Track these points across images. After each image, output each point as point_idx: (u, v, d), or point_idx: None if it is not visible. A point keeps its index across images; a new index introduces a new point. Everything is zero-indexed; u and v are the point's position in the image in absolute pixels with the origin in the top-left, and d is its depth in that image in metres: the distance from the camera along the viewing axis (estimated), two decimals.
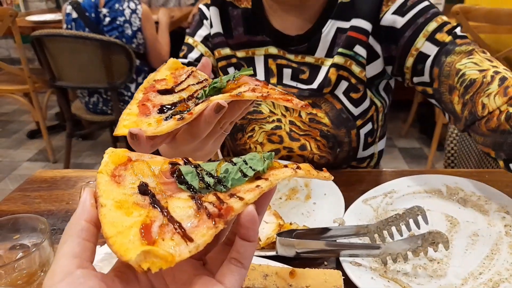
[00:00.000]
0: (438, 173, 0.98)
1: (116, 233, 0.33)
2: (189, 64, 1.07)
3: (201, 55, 1.08)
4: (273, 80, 1.05)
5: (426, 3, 0.92)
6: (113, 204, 0.36)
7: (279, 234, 0.74)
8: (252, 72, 0.60)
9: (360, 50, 0.97)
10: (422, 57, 0.89)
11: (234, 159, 0.42)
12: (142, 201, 0.37)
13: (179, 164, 0.42)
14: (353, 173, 1.06)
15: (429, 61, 0.88)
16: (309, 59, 1.01)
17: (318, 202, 0.91)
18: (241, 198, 0.36)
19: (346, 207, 0.89)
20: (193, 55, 1.08)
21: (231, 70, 1.08)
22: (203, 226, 0.34)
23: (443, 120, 2.95)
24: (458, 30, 0.89)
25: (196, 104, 0.57)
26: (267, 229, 0.81)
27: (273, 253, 0.74)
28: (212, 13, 1.07)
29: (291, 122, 1.04)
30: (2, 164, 3.33)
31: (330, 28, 0.99)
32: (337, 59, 0.98)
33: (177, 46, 3.17)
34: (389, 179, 0.98)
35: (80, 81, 2.67)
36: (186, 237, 0.34)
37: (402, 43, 0.92)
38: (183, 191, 0.39)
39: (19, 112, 4.30)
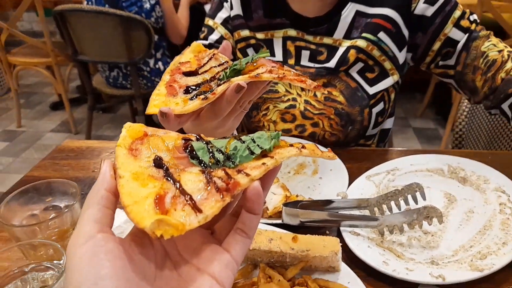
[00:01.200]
0: (442, 153, 1.02)
1: (133, 202, 0.37)
2: (210, 45, 1.12)
3: (221, 37, 1.13)
4: (291, 61, 1.09)
5: None
6: (130, 176, 0.39)
7: (285, 205, 0.81)
8: (269, 54, 0.65)
9: (384, 37, 1.03)
10: (449, 41, 1.01)
11: (243, 137, 0.46)
12: (156, 174, 0.40)
13: (192, 140, 0.45)
14: (359, 151, 1.11)
15: (459, 46, 1.00)
16: (327, 40, 1.06)
17: (324, 177, 0.97)
18: (247, 174, 0.40)
19: (350, 183, 0.94)
20: (213, 37, 1.13)
21: (250, 51, 1.13)
22: (212, 199, 0.38)
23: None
24: (475, 17, 1.02)
25: (218, 85, 0.63)
26: (274, 199, 0.87)
27: (279, 221, 0.81)
28: None
29: (306, 101, 1.09)
30: (27, 134, 3.49)
31: (349, 10, 1.04)
32: (360, 43, 1.03)
33: (194, 21, 3.18)
34: (394, 157, 1.03)
35: (101, 56, 2.74)
36: (196, 208, 0.37)
37: (431, 30, 1.01)
38: (195, 165, 0.42)
39: (42, 84, 4.44)
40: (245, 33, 1.11)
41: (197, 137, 0.46)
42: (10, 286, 0.63)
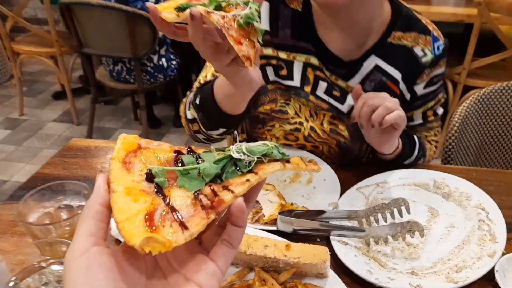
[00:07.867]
0: (429, 169, 1.09)
1: (125, 219, 0.39)
2: None
3: None
4: (308, 88, 1.09)
5: (440, 83, 1.14)
6: (123, 191, 0.42)
7: (281, 213, 0.88)
8: (263, 32, 0.65)
9: None
10: (410, 117, 1.16)
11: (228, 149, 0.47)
12: (148, 189, 0.43)
13: (183, 154, 0.48)
14: (352, 163, 1.17)
15: (412, 124, 1.18)
16: (341, 82, 1.08)
17: (318, 187, 1.04)
18: (232, 192, 0.43)
19: (342, 192, 1.01)
20: None
21: (269, 69, 1.09)
22: (198, 216, 0.41)
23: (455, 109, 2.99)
24: (440, 111, 1.19)
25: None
26: (270, 207, 0.94)
27: (274, 228, 0.88)
28: (262, 8, 1.04)
29: (311, 128, 1.12)
30: (29, 122, 3.53)
31: (370, 63, 1.06)
32: None
33: None
34: (384, 171, 1.10)
35: (106, 50, 2.78)
36: (183, 226, 0.40)
37: (411, 106, 1.13)
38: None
39: (45, 73, 4.46)
40: (268, 51, 1.07)
41: (188, 149, 0.48)
42: (29, 280, 0.69)
